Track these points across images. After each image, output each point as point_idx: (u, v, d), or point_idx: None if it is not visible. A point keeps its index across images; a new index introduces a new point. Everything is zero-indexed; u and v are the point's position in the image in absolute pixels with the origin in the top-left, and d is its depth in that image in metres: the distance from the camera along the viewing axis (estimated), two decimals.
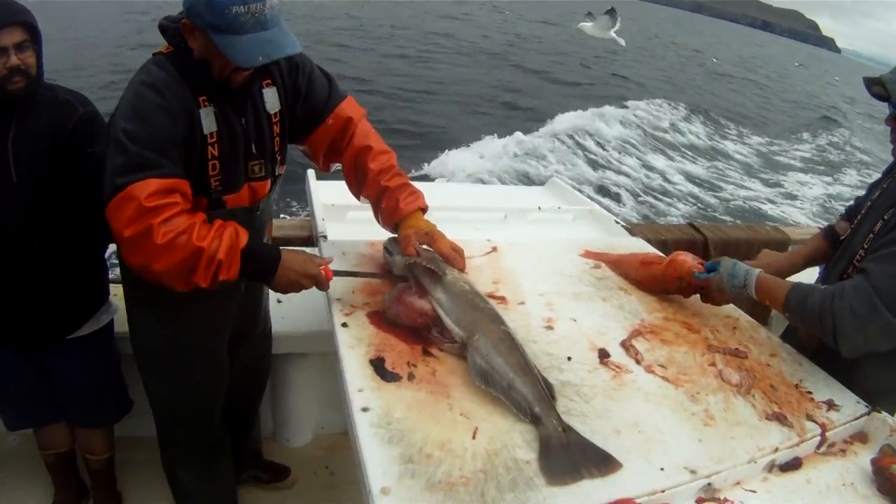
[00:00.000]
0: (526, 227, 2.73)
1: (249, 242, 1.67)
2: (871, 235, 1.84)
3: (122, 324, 2.16)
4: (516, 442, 1.38)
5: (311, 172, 2.55)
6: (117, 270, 1.96)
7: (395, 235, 1.94)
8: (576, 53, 29.57)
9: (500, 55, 26.26)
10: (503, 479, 1.27)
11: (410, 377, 1.53)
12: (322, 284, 1.76)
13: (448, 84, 19.10)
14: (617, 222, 2.79)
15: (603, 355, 1.75)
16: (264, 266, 1.71)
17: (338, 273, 1.81)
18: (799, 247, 2.43)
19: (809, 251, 2.30)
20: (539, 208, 2.83)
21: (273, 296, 2.44)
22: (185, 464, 2.28)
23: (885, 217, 1.82)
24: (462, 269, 1.89)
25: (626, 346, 1.84)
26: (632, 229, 2.77)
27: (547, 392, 1.50)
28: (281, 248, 1.78)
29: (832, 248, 2.16)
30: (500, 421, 1.44)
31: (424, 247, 1.86)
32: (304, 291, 1.76)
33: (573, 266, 2.25)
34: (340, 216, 2.39)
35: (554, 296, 2.06)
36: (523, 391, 1.48)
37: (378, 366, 1.54)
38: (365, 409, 1.39)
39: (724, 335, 1.96)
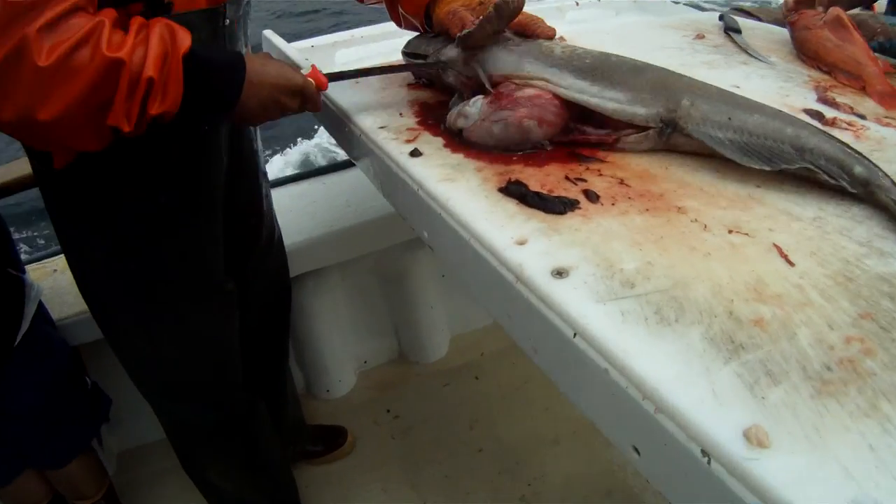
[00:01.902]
0: (566, 27, 1.94)
1: (194, 46, 0.88)
2: None
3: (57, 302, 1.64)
4: (846, 244, 0.68)
5: (267, 31, 1.68)
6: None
7: (418, 35, 1.25)
8: None
9: None
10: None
11: (592, 197, 0.77)
12: (312, 99, 1.04)
13: None
14: (676, 2, 2.02)
15: (815, 115, 1.04)
16: (222, 80, 0.93)
17: (337, 76, 1.10)
18: None
19: None
20: (577, 3, 2.03)
21: None
22: (209, 455, 1.57)
23: None
24: (552, 35, 1.10)
25: (829, 101, 1.11)
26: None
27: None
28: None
29: None
30: (795, 223, 0.73)
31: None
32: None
33: (673, 39, 1.52)
34: (327, 57, 1.57)
35: (681, 68, 1.29)
36: (825, 149, 0.76)
37: (526, 193, 0.77)
38: (560, 273, 0.62)
39: None
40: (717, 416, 0.48)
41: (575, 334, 0.58)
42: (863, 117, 1.06)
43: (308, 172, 2.27)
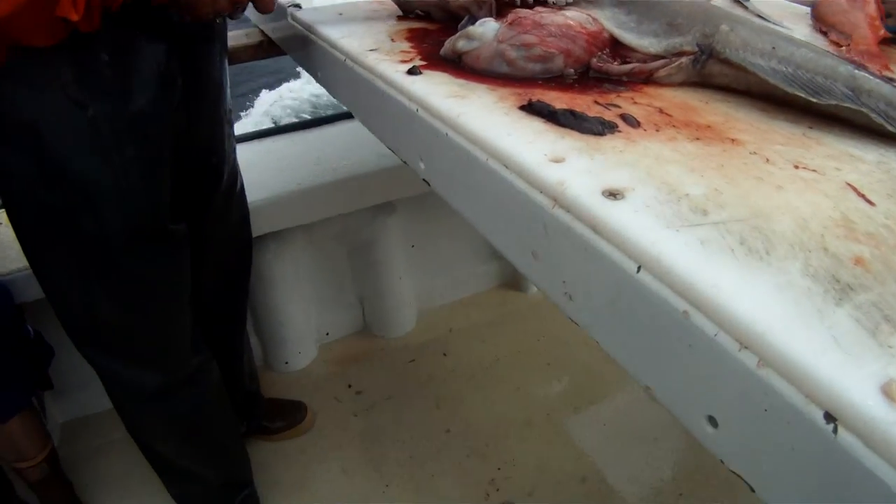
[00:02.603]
0: None
1: None
2: None
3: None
4: None
5: None
6: None
7: None
8: None
9: None
10: None
11: (631, 121, 0.64)
12: None
13: None
14: None
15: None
16: None
17: None
18: None
19: None
20: None
21: None
22: (154, 422, 1.41)
23: None
24: None
25: (857, 63, 1.00)
26: None
27: None
28: None
29: None
30: (861, 165, 0.62)
31: None
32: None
33: None
34: None
35: None
36: (885, 92, 0.67)
37: (555, 111, 0.64)
38: (613, 195, 0.49)
39: None
40: (844, 368, 0.36)
41: (640, 268, 0.45)
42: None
43: (277, 128, 2.11)
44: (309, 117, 3.26)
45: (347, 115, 2.10)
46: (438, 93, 0.72)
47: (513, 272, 2.40)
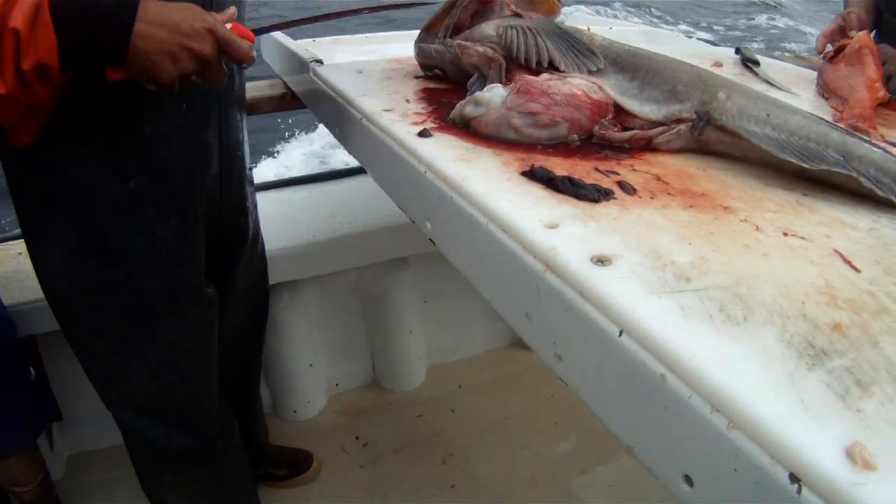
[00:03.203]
0: None
1: None
2: None
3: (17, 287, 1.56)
4: None
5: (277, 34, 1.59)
6: None
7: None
8: None
9: None
10: None
11: (628, 189, 0.67)
12: (232, 44, 0.88)
13: None
14: (689, 36, 1.98)
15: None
16: (105, 24, 0.81)
17: (266, 30, 1.02)
18: None
19: None
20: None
21: None
22: (174, 478, 1.40)
23: None
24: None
25: (860, 130, 1.04)
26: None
27: None
28: None
29: None
30: (851, 231, 0.65)
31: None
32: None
33: (693, 53, 1.41)
34: (328, 53, 1.48)
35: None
36: (875, 158, 0.70)
37: (555, 178, 0.67)
38: (601, 261, 0.53)
39: None
40: (809, 431, 0.38)
41: (621, 332, 0.47)
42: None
43: (294, 179, 2.16)
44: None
45: (361, 171, 2.16)
46: (446, 156, 0.75)
47: None
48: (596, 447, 2.03)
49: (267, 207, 1.86)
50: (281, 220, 1.86)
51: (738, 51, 1.56)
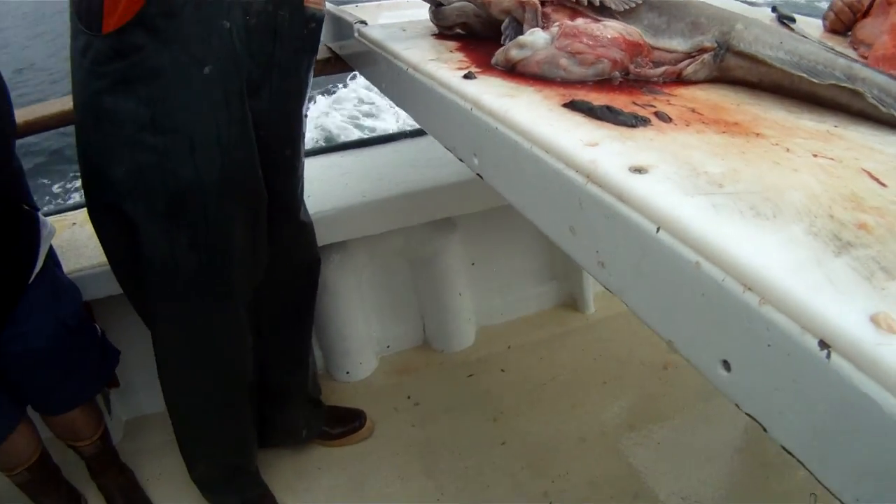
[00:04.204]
0: None
1: None
2: None
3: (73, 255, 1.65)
4: None
5: None
6: None
7: None
8: None
9: None
10: None
11: (664, 117, 0.70)
12: None
13: None
14: None
15: None
16: None
17: None
18: None
19: None
20: None
21: None
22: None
23: None
24: None
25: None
26: None
27: None
28: None
29: None
30: (879, 155, 0.65)
31: None
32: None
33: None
34: (372, 16, 1.52)
35: None
36: (878, 79, 0.73)
37: (594, 107, 0.70)
38: (639, 170, 0.56)
39: None
40: (837, 303, 0.41)
41: (658, 228, 0.50)
42: None
43: (341, 144, 2.23)
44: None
45: (408, 135, 2.21)
46: (490, 93, 0.79)
47: (571, 292, 2.43)
48: (644, 406, 2.05)
49: (315, 171, 1.92)
50: (329, 183, 1.91)
51: (774, 9, 1.56)
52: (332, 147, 2.19)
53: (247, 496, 1.73)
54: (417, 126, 1.43)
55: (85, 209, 1.75)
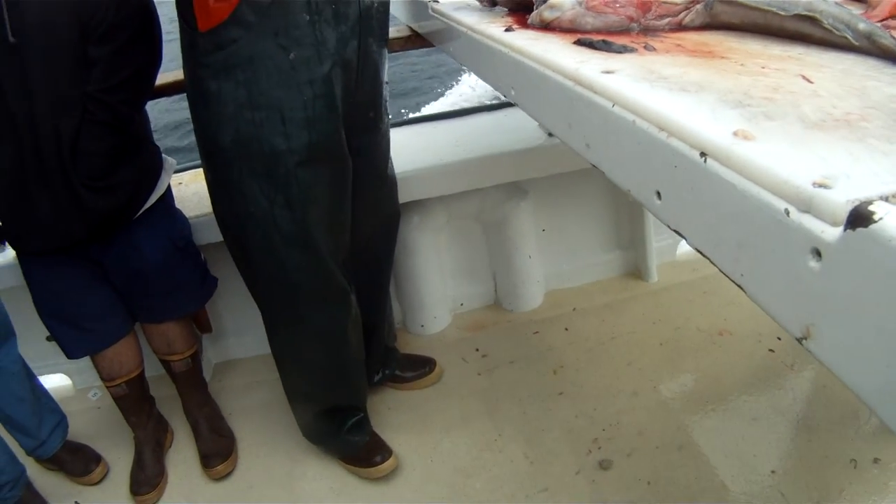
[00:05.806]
0: None
1: None
2: None
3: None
4: (867, 82, 0.73)
5: None
6: None
7: None
8: None
9: None
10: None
11: (649, 48, 0.88)
12: None
13: None
14: None
15: None
16: None
17: None
18: None
19: None
20: None
21: None
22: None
23: None
24: None
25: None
26: None
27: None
28: None
29: None
30: (826, 70, 0.78)
31: None
32: None
33: None
34: None
35: None
36: (833, 11, 0.85)
37: (593, 41, 0.90)
38: (609, 72, 0.75)
39: None
40: (711, 127, 0.57)
41: (614, 104, 0.69)
42: None
43: (422, 117, 2.48)
44: None
45: (481, 110, 2.43)
46: (521, 38, 0.99)
47: (636, 261, 2.57)
48: (695, 366, 2.17)
49: (398, 138, 2.16)
50: (411, 148, 2.15)
51: None
52: (412, 119, 2.44)
53: (356, 440, 1.91)
54: (490, 103, 1.62)
55: (191, 171, 2.06)
